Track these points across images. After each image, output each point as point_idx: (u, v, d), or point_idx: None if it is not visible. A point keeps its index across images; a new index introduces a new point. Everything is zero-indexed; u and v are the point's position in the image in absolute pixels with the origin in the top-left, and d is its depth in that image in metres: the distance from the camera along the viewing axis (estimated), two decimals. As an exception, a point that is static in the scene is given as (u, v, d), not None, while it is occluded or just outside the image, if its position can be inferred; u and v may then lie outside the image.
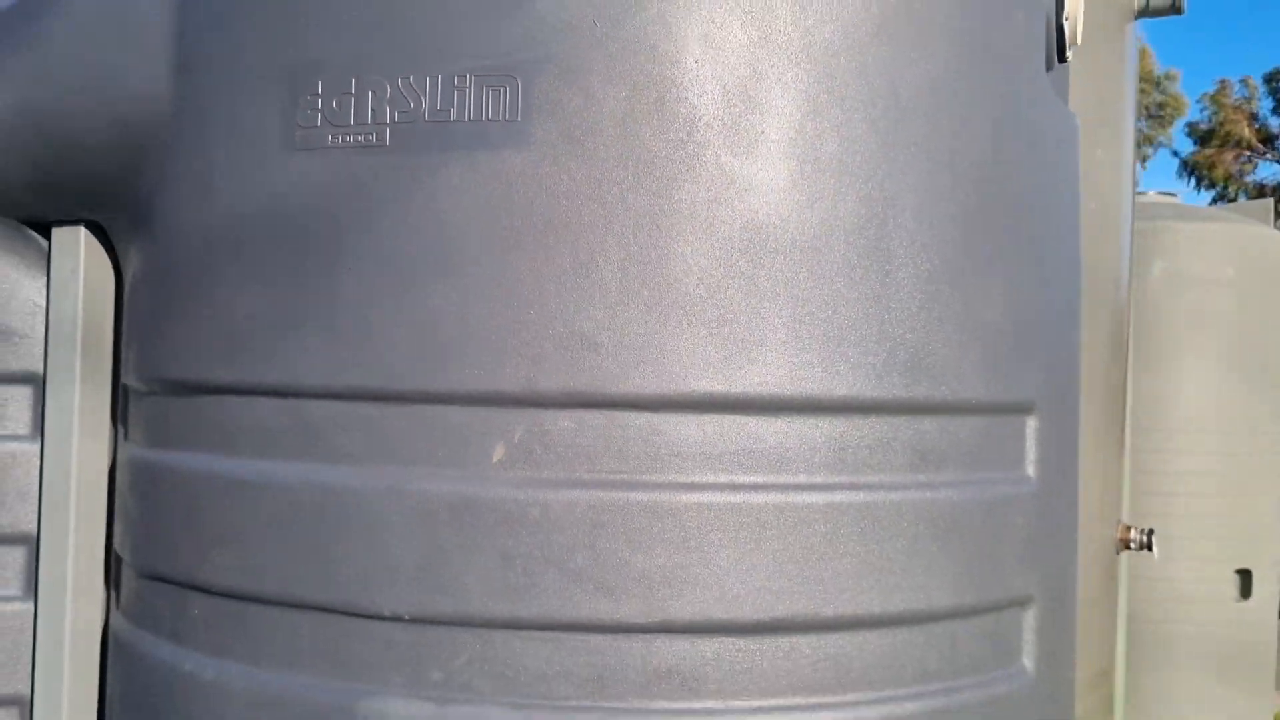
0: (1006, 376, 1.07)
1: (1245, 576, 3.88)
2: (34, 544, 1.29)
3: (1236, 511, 3.86)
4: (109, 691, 1.21)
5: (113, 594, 1.25)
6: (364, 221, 0.97)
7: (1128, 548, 2.08)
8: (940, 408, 1.03)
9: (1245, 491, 3.86)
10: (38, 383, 1.29)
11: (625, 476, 0.94)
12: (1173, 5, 2.10)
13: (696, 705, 0.95)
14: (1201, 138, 22.79)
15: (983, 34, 1.08)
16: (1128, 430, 2.22)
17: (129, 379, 1.19)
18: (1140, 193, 4.42)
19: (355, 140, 0.97)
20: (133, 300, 1.19)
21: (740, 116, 0.95)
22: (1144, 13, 2.11)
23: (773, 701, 0.96)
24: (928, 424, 1.02)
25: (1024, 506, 1.10)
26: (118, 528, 1.21)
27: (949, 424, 1.03)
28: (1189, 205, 4.13)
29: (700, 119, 0.95)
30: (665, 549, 0.93)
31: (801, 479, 0.96)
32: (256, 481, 1.01)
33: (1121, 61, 2.05)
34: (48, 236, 1.28)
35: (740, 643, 0.95)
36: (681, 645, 0.94)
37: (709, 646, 0.95)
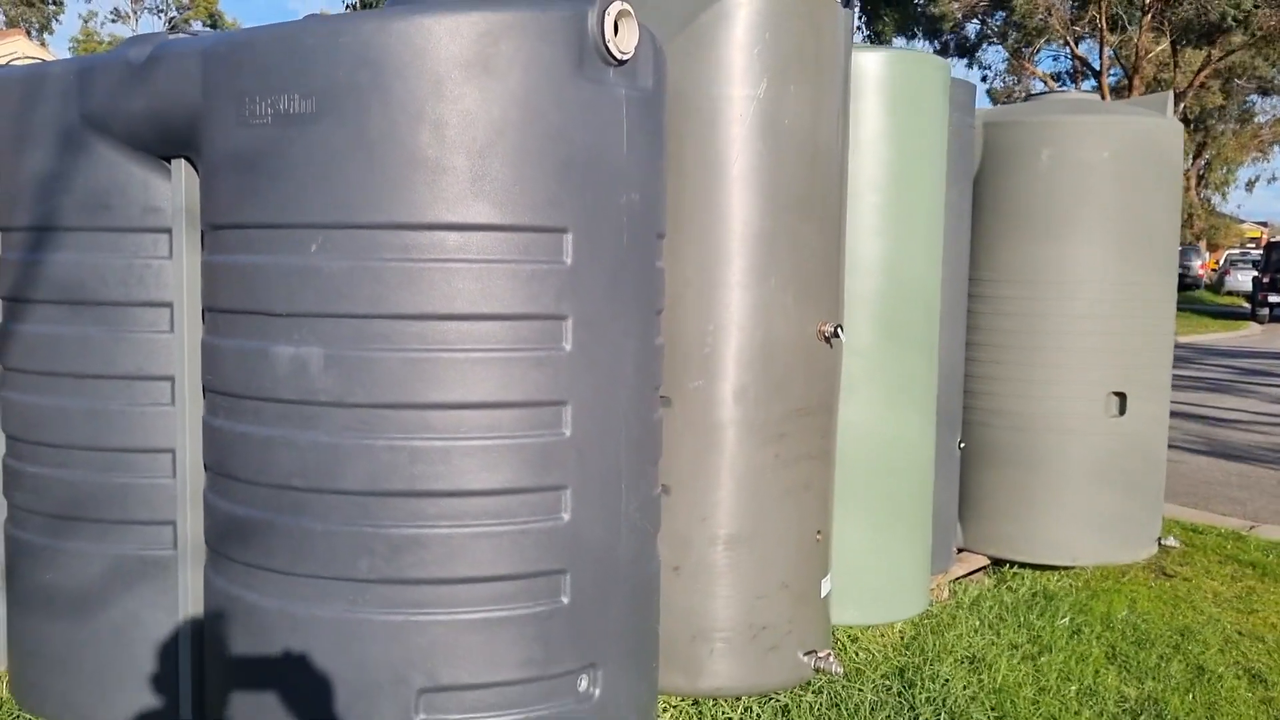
0: (546, 212, 2.41)
1: (1121, 398, 4.88)
2: (173, 307, 2.84)
3: (1115, 347, 4.86)
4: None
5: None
6: (265, 155, 2.42)
7: (825, 339, 3.32)
8: (512, 226, 2.38)
9: (1122, 331, 4.84)
10: (169, 232, 2.83)
11: (375, 255, 2.36)
12: (851, -13, 3.23)
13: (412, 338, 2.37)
14: None
15: (535, 64, 2.39)
16: (841, 269, 3.41)
17: (202, 226, 2.70)
18: (1061, 90, 5.31)
19: (261, 122, 2.42)
20: (201, 192, 2.69)
21: (416, 118, 2.32)
22: (839, -8, 3.25)
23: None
24: (494, 234, 2.38)
25: (561, 275, 2.44)
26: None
27: (511, 234, 2.39)
28: (1086, 100, 5.01)
29: (397, 113, 2.33)
30: (384, 285, 2.35)
31: (455, 255, 2.35)
32: (236, 264, 2.50)
33: (816, 28, 3.21)
34: (169, 163, 2.81)
35: (418, 324, 2.36)
36: (399, 323, 2.36)
37: (415, 326, 2.36)
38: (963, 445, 4.85)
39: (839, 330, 3.31)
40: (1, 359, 3.08)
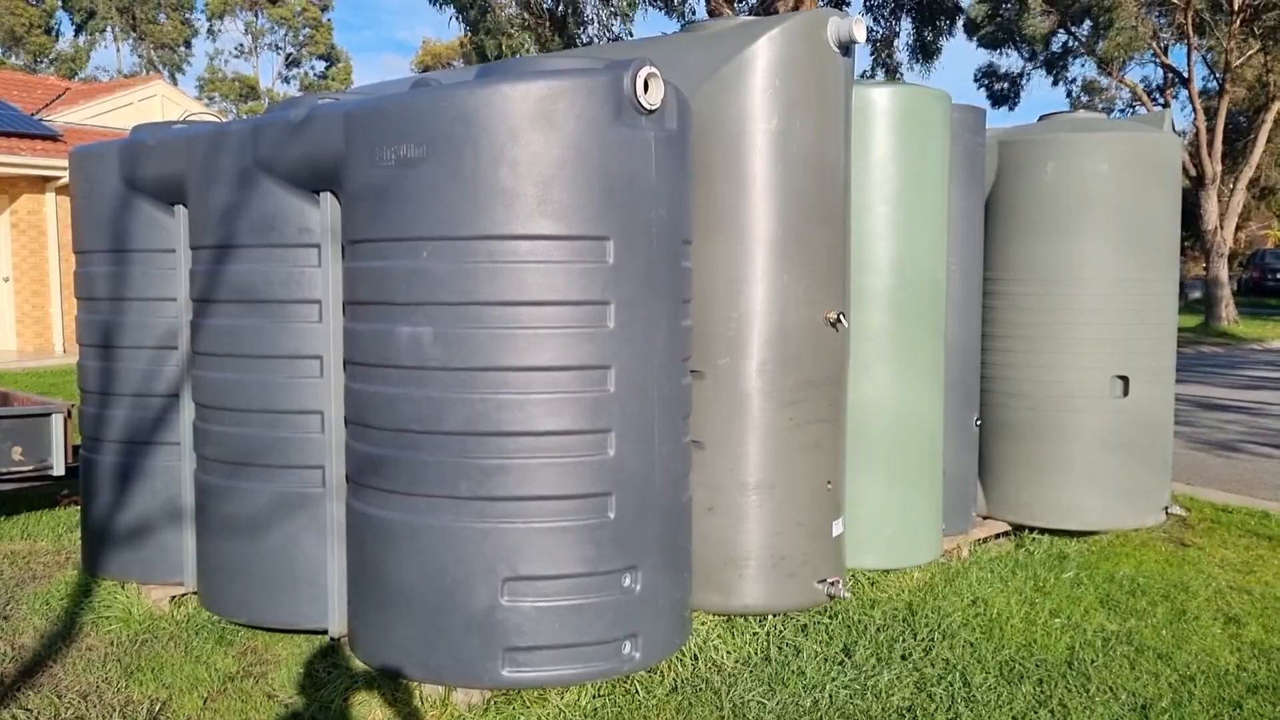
0: (593, 225, 3.25)
1: (1124, 380, 5.51)
2: (320, 305, 3.77)
3: (1118, 336, 5.50)
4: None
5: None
6: (389, 188, 3.32)
7: (831, 324, 4.09)
8: (567, 236, 3.24)
9: (1124, 321, 5.48)
10: (318, 247, 3.76)
11: (469, 258, 3.24)
12: (852, 41, 4.00)
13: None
14: None
15: (584, 116, 3.24)
16: (846, 267, 4.18)
17: (343, 241, 3.62)
18: (1069, 111, 5.96)
19: (387, 164, 3.32)
20: (342, 216, 3.61)
21: (497, 159, 3.20)
22: (840, 45, 4.04)
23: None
24: (555, 242, 3.23)
25: (605, 271, 3.28)
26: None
27: (567, 242, 3.24)
28: (1091, 119, 5.65)
29: (483, 156, 3.21)
30: (475, 281, 3.23)
31: (526, 258, 3.22)
32: (368, 268, 3.41)
33: (819, 74, 4.00)
34: (318, 195, 3.74)
35: (499, 309, 3.23)
36: (486, 309, 3.24)
37: (497, 310, 3.24)
38: (979, 422, 5.54)
39: (843, 317, 4.08)
40: (192, 345, 4.06)
